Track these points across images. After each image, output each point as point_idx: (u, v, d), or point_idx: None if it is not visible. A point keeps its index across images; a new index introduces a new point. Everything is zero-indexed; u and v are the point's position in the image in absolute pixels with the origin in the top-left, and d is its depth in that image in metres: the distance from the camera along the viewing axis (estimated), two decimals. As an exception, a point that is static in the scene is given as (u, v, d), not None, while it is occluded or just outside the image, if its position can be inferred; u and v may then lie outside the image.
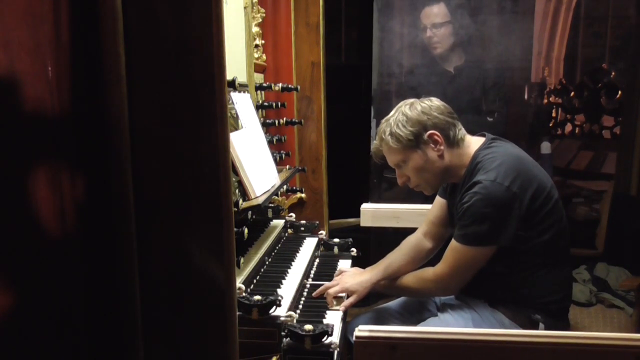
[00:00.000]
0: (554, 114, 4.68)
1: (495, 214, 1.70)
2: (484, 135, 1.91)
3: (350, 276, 1.89)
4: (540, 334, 1.18)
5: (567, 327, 1.90)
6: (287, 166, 2.36)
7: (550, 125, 4.61)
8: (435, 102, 1.84)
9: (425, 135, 1.79)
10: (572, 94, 4.60)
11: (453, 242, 1.79)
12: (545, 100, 4.63)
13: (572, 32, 4.59)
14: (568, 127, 4.68)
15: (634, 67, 3.57)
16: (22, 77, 0.75)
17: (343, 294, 1.83)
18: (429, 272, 1.85)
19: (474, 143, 1.86)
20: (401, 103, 1.87)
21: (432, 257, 2.04)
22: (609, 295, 2.65)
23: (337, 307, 1.77)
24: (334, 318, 1.68)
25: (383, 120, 1.87)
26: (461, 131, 1.84)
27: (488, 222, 1.70)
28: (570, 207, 3.92)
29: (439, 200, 2.05)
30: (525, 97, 4.13)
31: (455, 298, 1.97)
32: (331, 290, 1.79)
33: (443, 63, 2.95)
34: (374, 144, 1.90)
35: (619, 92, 4.24)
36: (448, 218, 2.01)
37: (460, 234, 1.76)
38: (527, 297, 1.80)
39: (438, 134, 1.79)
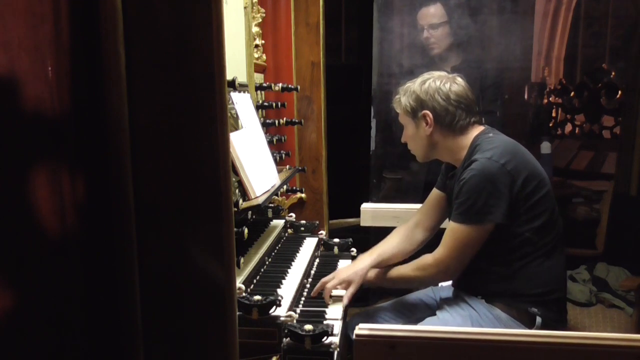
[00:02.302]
0: (554, 114, 4.69)
1: (490, 189, 1.75)
2: (483, 125, 1.97)
3: (345, 269, 1.93)
4: (540, 333, 1.18)
5: (564, 321, 1.92)
6: (287, 166, 2.35)
7: (550, 125, 4.61)
8: (448, 86, 1.89)
9: (420, 113, 1.90)
10: (572, 94, 4.61)
11: (451, 224, 1.84)
12: (545, 100, 4.63)
13: (572, 32, 4.60)
14: (568, 127, 4.69)
15: (634, 67, 3.56)
16: (22, 77, 0.75)
17: (342, 292, 1.84)
18: (428, 258, 1.87)
19: (475, 130, 1.92)
20: (426, 73, 1.97)
21: (425, 247, 2.05)
22: (609, 295, 2.65)
23: (339, 302, 1.79)
24: (334, 315, 1.68)
25: (410, 81, 1.99)
26: (464, 120, 1.89)
27: (483, 198, 1.75)
28: (570, 207, 3.93)
29: (435, 192, 2.10)
30: (525, 97, 4.13)
31: (453, 296, 1.98)
32: (329, 285, 1.81)
33: (441, 63, 2.95)
34: (396, 97, 2.01)
35: (619, 92, 4.24)
36: (445, 210, 2.05)
37: (457, 213, 1.81)
38: (522, 290, 1.82)
39: (430, 116, 1.88)
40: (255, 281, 1.77)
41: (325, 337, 1.41)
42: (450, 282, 2.03)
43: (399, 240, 2.07)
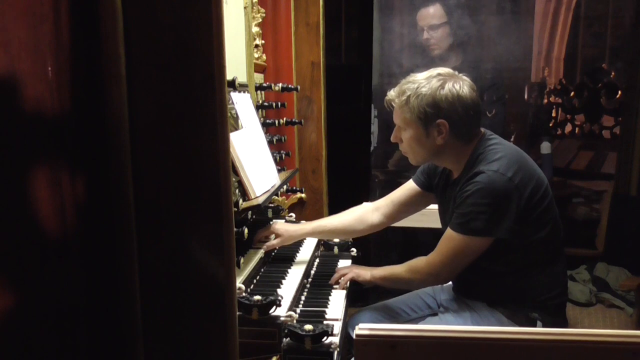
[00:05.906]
0: (554, 114, 4.68)
1: (494, 205, 1.69)
2: (482, 129, 1.89)
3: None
4: (540, 331, 1.18)
5: (564, 324, 1.91)
6: (285, 167, 2.36)
7: (550, 125, 4.61)
8: (466, 90, 1.75)
9: (436, 121, 1.74)
10: (572, 94, 4.60)
11: (448, 231, 1.78)
12: (545, 100, 4.63)
13: (572, 32, 4.59)
14: (568, 127, 4.68)
15: (634, 67, 3.57)
16: (22, 77, 0.75)
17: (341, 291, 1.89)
18: (422, 260, 1.85)
19: (477, 135, 1.84)
20: (438, 72, 1.78)
21: (423, 249, 2.03)
22: (609, 295, 2.64)
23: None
24: (334, 315, 1.68)
25: (413, 76, 1.80)
26: (476, 129, 1.81)
27: (487, 213, 1.70)
28: (570, 207, 3.92)
29: (412, 186, 2.05)
30: (525, 97, 4.13)
31: (455, 298, 1.97)
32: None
33: (441, 64, 2.95)
34: (391, 93, 1.83)
35: (619, 92, 4.23)
36: (415, 206, 2.07)
37: (457, 222, 1.75)
38: (525, 296, 1.81)
39: (447, 126, 1.74)
40: (255, 281, 1.77)
41: (325, 337, 1.42)
42: (450, 283, 2.03)
43: (350, 217, 2.08)
